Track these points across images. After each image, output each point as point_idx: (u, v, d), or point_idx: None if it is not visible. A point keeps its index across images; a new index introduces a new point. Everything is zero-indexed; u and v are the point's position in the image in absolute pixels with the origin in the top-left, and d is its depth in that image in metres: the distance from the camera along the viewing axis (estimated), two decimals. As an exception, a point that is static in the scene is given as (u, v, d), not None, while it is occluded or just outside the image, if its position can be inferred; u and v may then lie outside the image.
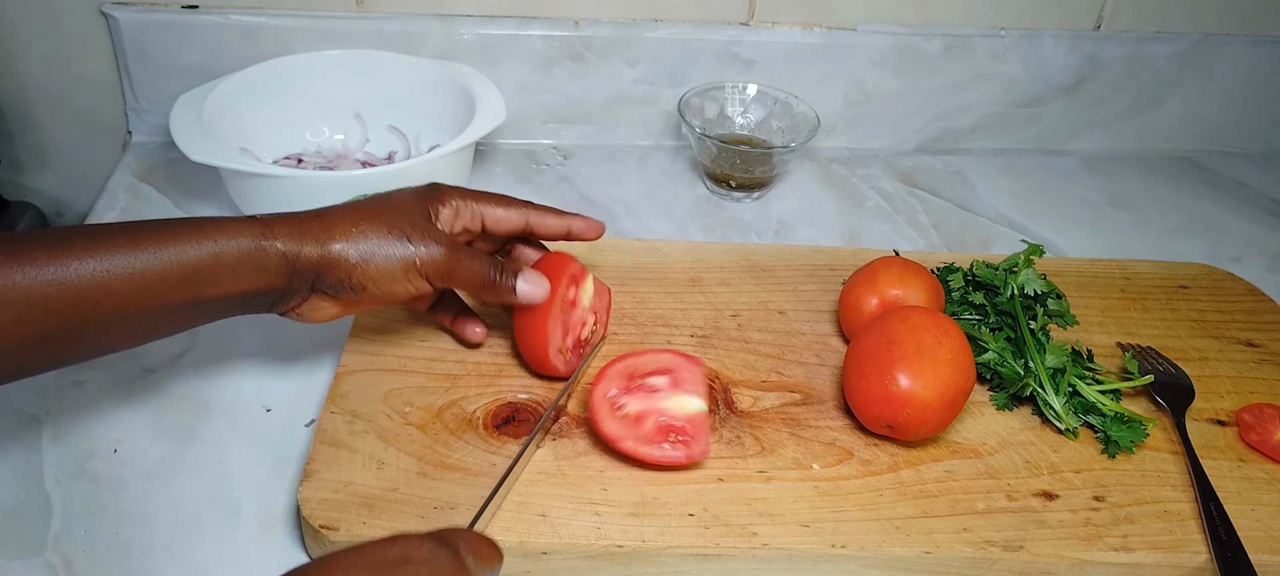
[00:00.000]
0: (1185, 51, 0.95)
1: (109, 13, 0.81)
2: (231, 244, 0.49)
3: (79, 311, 0.45)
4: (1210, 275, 0.77)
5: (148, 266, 0.47)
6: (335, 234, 0.51)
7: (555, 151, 0.92)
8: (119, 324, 0.47)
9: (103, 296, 0.46)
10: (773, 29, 0.90)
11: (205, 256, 0.48)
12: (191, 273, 0.48)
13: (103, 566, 0.50)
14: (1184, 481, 0.58)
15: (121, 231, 0.47)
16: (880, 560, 0.52)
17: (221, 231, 0.49)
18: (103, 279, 0.46)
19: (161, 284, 0.47)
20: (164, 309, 0.48)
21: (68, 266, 0.45)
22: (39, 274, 0.44)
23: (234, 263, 0.49)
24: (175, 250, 0.47)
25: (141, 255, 0.47)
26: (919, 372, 0.54)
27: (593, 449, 0.55)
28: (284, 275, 0.50)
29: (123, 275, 0.46)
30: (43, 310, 0.44)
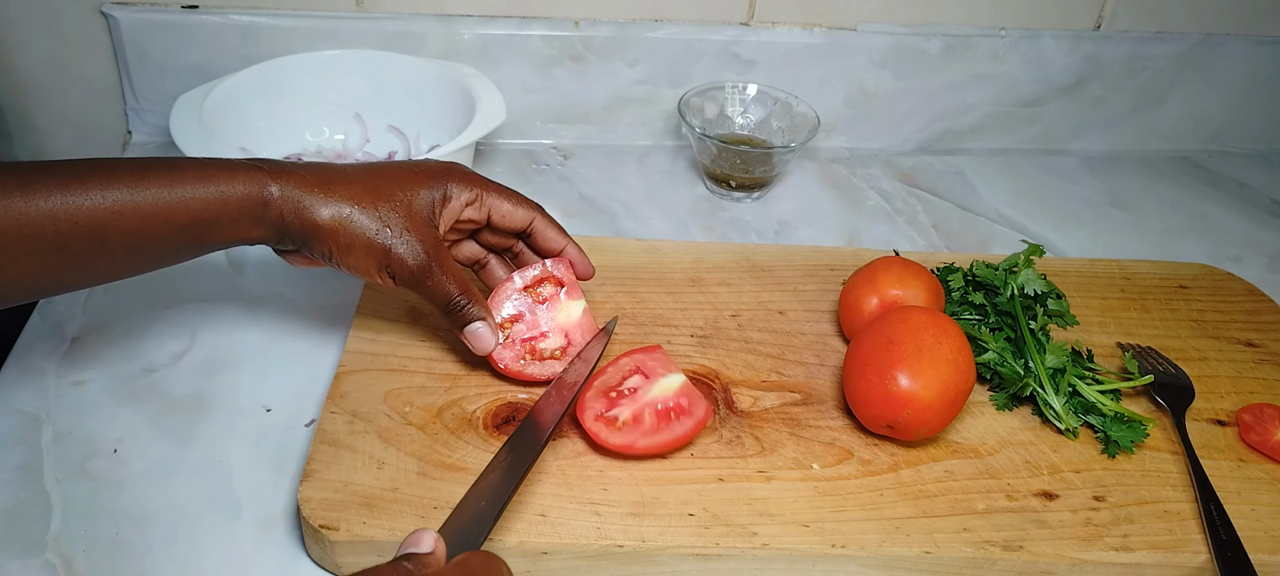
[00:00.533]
0: (1185, 51, 0.95)
1: (109, 13, 0.81)
2: (234, 191, 0.50)
3: (88, 244, 0.47)
4: (1210, 275, 0.77)
5: (155, 205, 0.48)
6: (329, 200, 0.52)
7: (555, 151, 0.92)
8: (126, 257, 0.49)
9: (112, 232, 0.47)
10: (773, 29, 0.90)
11: (210, 200, 0.49)
12: (196, 216, 0.49)
13: (103, 566, 0.50)
14: (1184, 481, 0.58)
15: (131, 169, 0.48)
16: (880, 560, 0.52)
17: (227, 177, 0.50)
18: (112, 215, 0.47)
19: (167, 225, 0.49)
20: (169, 246, 0.50)
21: (79, 201, 0.46)
22: (52, 207, 0.45)
23: (236, 212, 0.50)
24: (182, 191, 0.49)
25: (149, 193, 0.48)
26: (919, 372, 0.54)
27: (592, 449, 0.55)
28: (276, 229, 0.51)
29: (131, 212, 0.47)
30: (55, 242, 0.46)
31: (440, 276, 0.54)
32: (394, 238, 0.52)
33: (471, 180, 0.57)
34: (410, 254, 0.53)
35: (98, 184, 0.47)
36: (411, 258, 0.53)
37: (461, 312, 0.56)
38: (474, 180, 0.58)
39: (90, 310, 0.66)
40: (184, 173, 0.49)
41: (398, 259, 0.53)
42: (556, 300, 0.61)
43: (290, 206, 0.51)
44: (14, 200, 0.45)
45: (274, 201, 0.50)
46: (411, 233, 0.53)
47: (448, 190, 0.56)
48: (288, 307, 0.68)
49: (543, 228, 0.60)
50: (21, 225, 0.45)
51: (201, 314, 0.67)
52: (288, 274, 0.71)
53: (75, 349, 0.63)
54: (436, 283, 0.54)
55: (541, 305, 0.60)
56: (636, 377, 0.58)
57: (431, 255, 0.54)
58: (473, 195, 0.57)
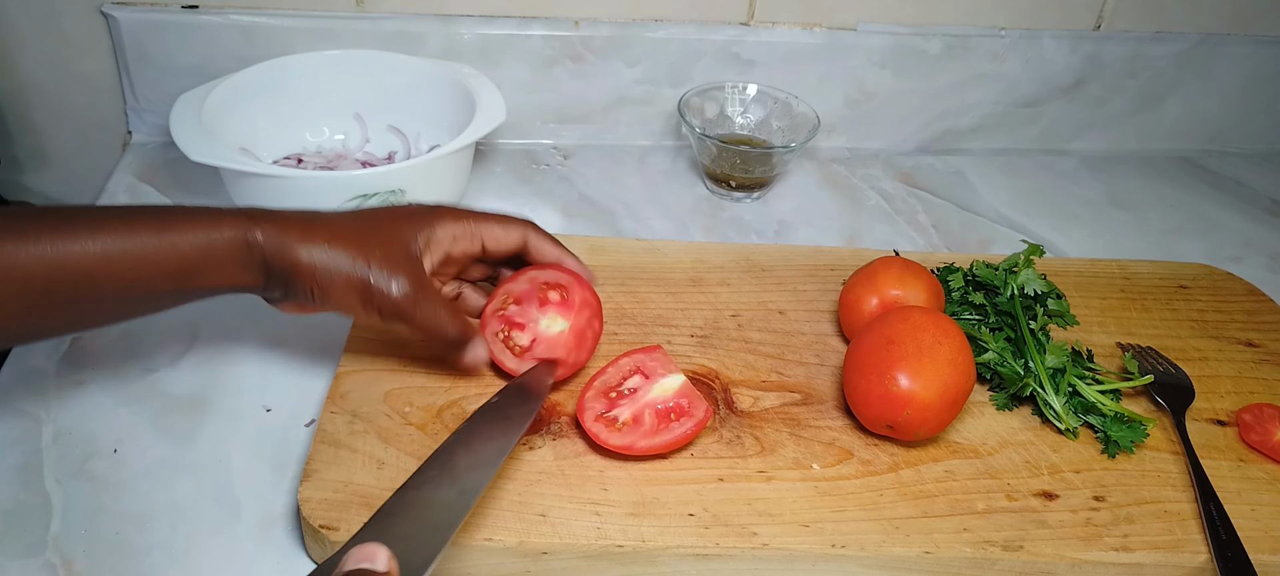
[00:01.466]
0: (1185, 51, 0.95)
1: (109, 13, 0.81)
2: (221, 237, 0.50)
3: (77, 290, 0.47)
4: (1210, 275, 0.77)
5: (144, 251, 0.48)
6: (310, 243, 0.52)
7: (555, 151, 0.92)
8: (114, 303, 0.49)
9: (101, 277, 0.47)
10: (773, 29, 0.90)
11: (197, 247, 0.49)
12: (183, 264, 0.49)
13: (103, 566, 0.50)
14: (1184, 481, 0.58)
15: (120, 217, 0.49)
16: (880, 560, 0.52)
17: (212, 224, 0.50)
18: (101, 260, 0.47)
19: (155, 271, 0.49)
20: (157, 293, 0.50)
21: (69, 248, 0.46)
22: (42, 254, 0.46)
23: (221, 257, 0.50)
24: (170, 238, 0.49)
25: (138, 239, 0.48)
26: (919, 372, 0.54)
27: (592, 449, 0.55)
28: (263, 274, 0.52)
29: (120, 257, 0.48)
30: (44, 288, 0.46)
31: (427, 308, 0.54)
32: (374, 272, 0.52)
33: (458, 215, 0.58)
34: (393, 286, 0.53)
35: (87, 230, 0.47)
36: (394, 289, 0.53)
37: (455, 341, 0.56)
38: (461, 215, 0.58)
39: (90, 310, 0.66)
40: (172, 220, 0.50)
41: (379, 291, 0.53)
42: (550, 308, 0.60)
43: (273, 248, 0.51)
44: (5, 245, 0.45)
45: (258, 245, 0.51)
46: (393, 267, 0.53)
47: (433, 230, 0.56)
48: (288, 307, 0.68)
49: (537, 243, 0.60)
50: (12, 269, 0.45)
51: (201, 314, 0.67)
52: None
53: (75, 349, 0.63)
54: (423, 315, 0.54)
55: (540, 306, 0.60)
56: (636, 378, 0.58)
57: (415, 288, 0.54)
58: (459, 227, 0.57)
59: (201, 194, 0.80)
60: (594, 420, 0.55)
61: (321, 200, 0.67)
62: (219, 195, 0.79)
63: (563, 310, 0.60)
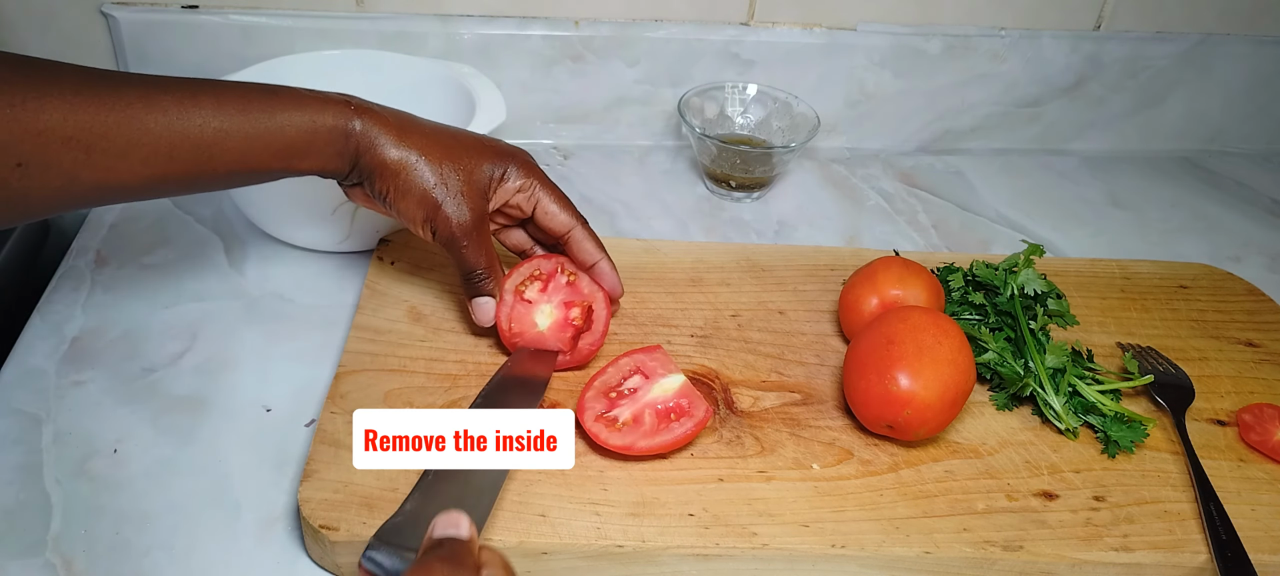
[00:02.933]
0: (1185, 51, 0.95)
1: (109, 13, 0.81)
2: (325, 122, 0.53)
3: (196, 161, 0.50)
4: (1210, 275, 0.77)
5: (256, 130, 0.52)
6: (401, 145, 0.55)
7: (555, 151, 0.92)
8: (226, 175, 0.52)
9: (216, 151, 0.51)
10: (773, 29, 0.90)
11: (303, 129, 0.53)
12: (289, 145, 0.53)
13: (103, 566, 0.50)
14: (1184, 481, 0.58)
15: (237, 95, 0.52)
16: (880, 560, 0.52)
17: (319, 108, 0.54)
18: (219, 134, 0.51)
19: (264, 149, 0.52)
20: (263, 169, 0.53)
21: (191, 120, 0.50)
22: (169, 122, 0.49)
23: (324, 143, 0.54)
24: (280, 120, 0.52)
25: (252, 118, 0.51)
26: (919, 372, 0.54)
27: (592, 449, 0.55)
28: (350, 161, 0.55)
29: (236, 133, 0.51)
30: (167, 154, 0.49)
31: (475, 246, 0.58)
32: (447, 196, 0.56)
33: (531, 169, 0.61)
34: (457, 215, 0.56)
35: (210, 105, 0.50)
36: (456, 219, 0.56)
37: (478, 284, 0.59)
38: (532, 170, 0.61)
39: (90, 310, 0.66)
40: (283, 100, 0.53)
41: (444, 217, 0.56)
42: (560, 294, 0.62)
43: (366, 141, 0.54)
44: (136, 111, 0.48)
45: (355, 135, 0.54)
46: (464, 197, 0.57)
47: (507, 171, 0.59)
48: (288, 308, 0.68)
49: (581, 238, 0.62)
50: (142, 135, 0.48)
51: (201, 314, 0.67)
52: (288, 274, 0.71)
53: (75, 349, 0.63)
54: (470, 250, 0.58)
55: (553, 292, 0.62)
56: (637, 378, 0.58)
57: (474, 224, 0.57)
58: (526, 183, 0.60)
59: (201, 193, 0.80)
60: (594, 420, 0.55)
61: (321, 200, 0.68)
62: (219, 195, 0.79)
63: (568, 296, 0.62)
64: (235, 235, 0.75)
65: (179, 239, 0.75)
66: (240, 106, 0.51)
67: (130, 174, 0.49)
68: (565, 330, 0.61)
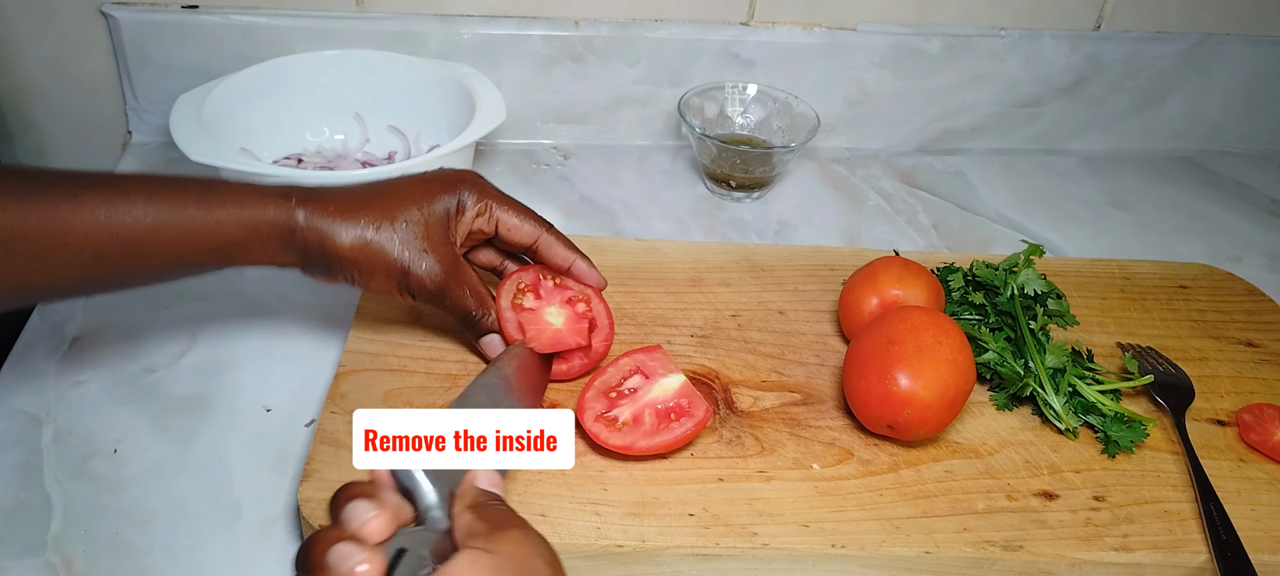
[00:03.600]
0: (1185, 51, 0.95)
1: (109, 13, 0.81)
2: (265, 216, 0.51)
3: (125, 259, 0.48)
4: (1210, 275, 0.77)
5: (191, 226, 0.50)
6: (350, 226, 0.53)
7: (555, 151, 0.92)
8: (159, 271, 0.51)
9: (148, 249, 0.49)
10: (773, 29, 0.90)
11: (242, 225, 0.51)
12: (228, 240, 0.51)
13: (103, 566, 0.50)
14: (1184, 481, 0.58)
15: (171, 189, 0.50)
16: (880, 560, 0.52)
17: (259, 202, 0.51)
18: (151, 232, 0.49)
19: (201, 247, 0.50)
20: (200, 265, 0.52)
21: (122, 216, 0.48)
22: (96, 220, 0.47)
23: (265, 238, 0.51)
24: (217, 215, 0.50)
25: (186, 214, 0.49)
26: (919, 372, 0.54)
27: (592, 449, 0.55)
28: (302, 255, 0.53)
29: (169, 231, 0.49)
30: (95, 255, 0.47)
31: (457, 292, 0.56)
32: (412, 257, 0.54)
33: (482, 190, 0.58)
34: (428, 273, 0.55)
35: (141, 200, 0.48)
36: (429, 277, 0.55)
37: (478, 324, 0.58)
38: (484, 190, 0.58)
39: (90, 310, 0.66)
40: (220, 195, 0.51)
41: (416, 278, 0.55)
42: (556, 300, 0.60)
43: (315, 234, 0.52)
44: (61, 210, 0.46)
45: (300, 229, 0.52)
46: (429, 251, 0.55)
47: (460, 199, 0.57)
48: (288, 308, 0.68)
49: (550, 243, 0.60)
50: (66, 235, 0.46)
51: (201, 314, 0.67)
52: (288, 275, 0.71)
53: (75, 349, 0.63)
54: (454, 299, 0.56)
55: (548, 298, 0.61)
56: (637, 378, 0.58)
57: (448, 272, 0.56)
58: (481, 205, 0.58)
59: (201, 194, 0.80)
60: (594, 420, 0.55)
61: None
62: (219, 195, 0.79)
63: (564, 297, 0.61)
64: (235, 235, 0.75)
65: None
66: (174, 202, 0.49)
67: (54, 275, 0.47)
68: (580, 322, 0.60)
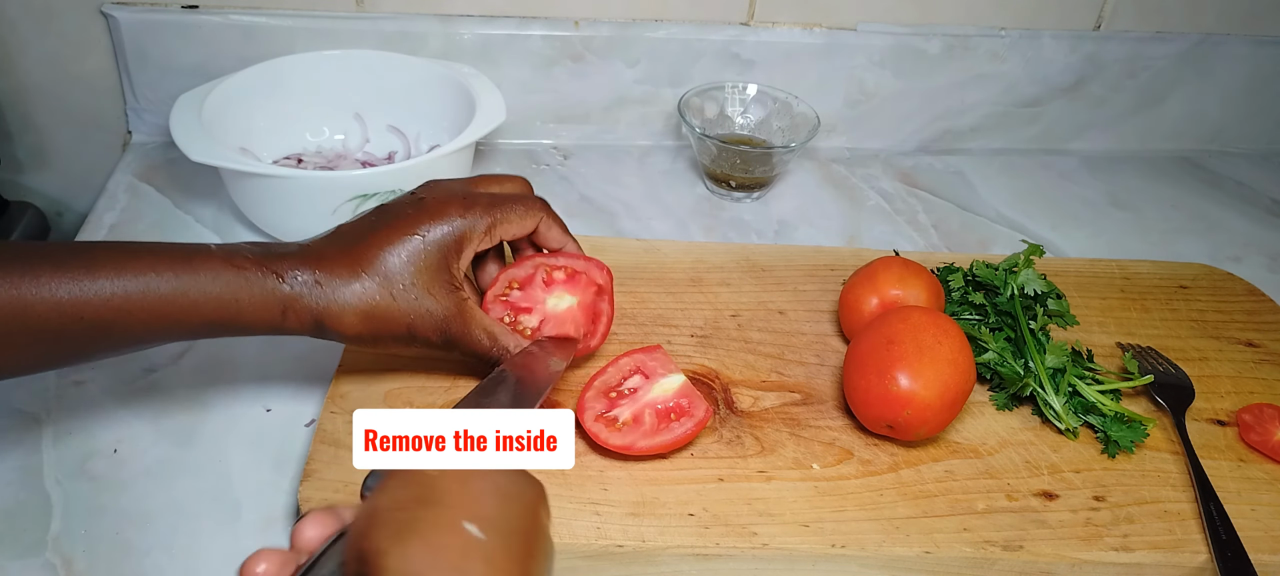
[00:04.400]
0: (1185, 51, 0.95)
1: (109, 13, 0.81)
2: (248, 293, 0.48)
3: (92, 336, 0.45)
4: (1210, 275, 0.77)
5: (164, 306, 0.46)
6: (347, 290, 0.50)
7: (555, 151, 0.92)
8: (133, 347, 0.48)
9: (117, 327, 0.46)
10: (773, 29, 0.90)
11: (223, 303, 0.48)
12: (208, 319, 0.48)
13: (103, 566, 0.50)
14: (1184, 481, 0.58)
15: (142, 263, 0.46)
16: (880, 560, 0.52)
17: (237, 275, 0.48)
18: (120, 311, 0.45)
19: (176, 325, 0.47)
20: (173, 339, 0.49)
21: (87, 293, 0.44)
22: (58, 298, 0.44)
23: (251, 315, 0.49)
24: (193, 291, 0.47)
25: (158, 289, 0.46)
26: (919, 372, 0.54)
27: (592, 449, 0.55)
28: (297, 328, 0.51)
29: (139, 309, 0.46)
30: (56, 334, 0.44)
31: (467, 334, 0.54)
32: (416, 313, 0.52)
33: (471, 206, 0.54)
34: (434, 323, 0.53)
35: (108, 274, 0.45)
36: (435, 331, 0.53)
37: (493, 361, 0.55)
38: (472, 207, 0.54)
39: (90, 310, 0.66)
40: (196, 267, 0.47)
41: (423, 334, 0.53)
42: (557, 287, 0.59)
43: (310, 316, 0.50)
44: (21, 288, 0.43)
45: (293, 308, 0.49)
46: (431, 294, 0.52)
47: (456, 229, 0.53)
48: (288, 307, 0.68)
49: (546, 230, 0.58)
50: (26, 315, 0.43)
51: (201, 314, 0.67)
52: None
53: (75, 349, 0.63)
54: (466, 342, 0.54)
55: (547, 286, 0.59)
56: (637, 378, 0.58)
57: (455, 315, 0.53)
58: (479, 226, 0.54)
59: (201, 194, 0.80)
60: (594, 420, 0.55)
61: (321, 201, 0.68)
62: (219, 195, 0.79)
63: (569, 287, 0.59)
64: (235, 235, 0.75)
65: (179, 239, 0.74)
66: (144, 278, 0.46)
67: (12, 356, 0.44)
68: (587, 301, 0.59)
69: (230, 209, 0.78)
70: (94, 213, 0.77)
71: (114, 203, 0.79)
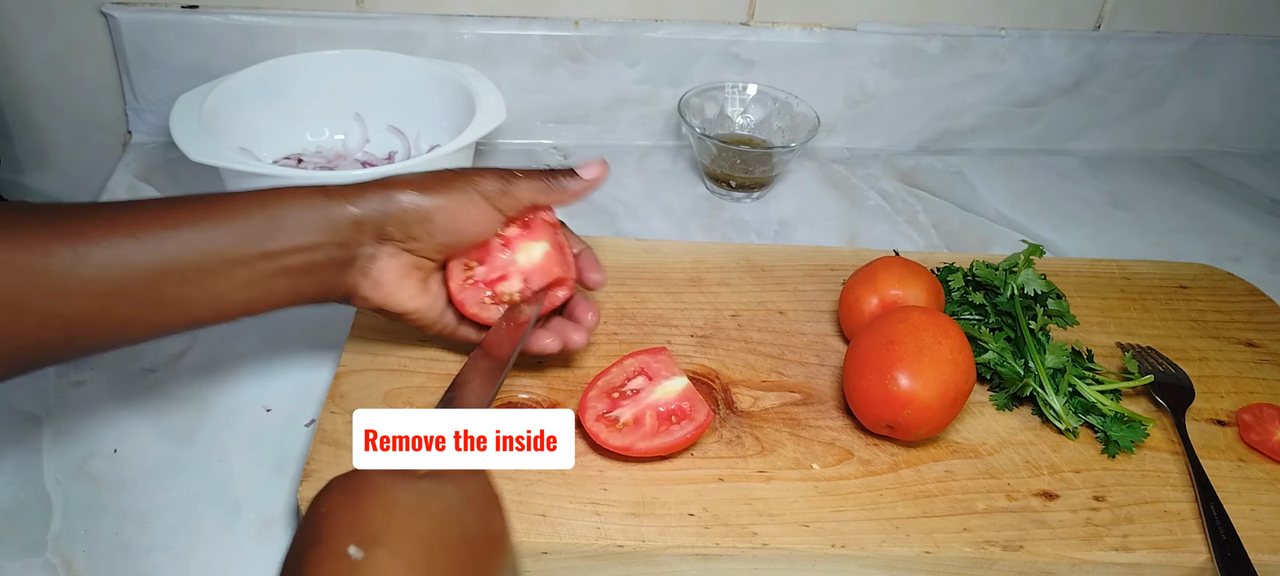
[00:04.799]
0: (1185, 51, 0.95)
1: (109, 13, 0.81)
2: (321, 214, 0.50)
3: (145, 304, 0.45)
4: (1210, 275, 0.77)
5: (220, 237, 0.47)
6: (395, 181, 0.52)
7: (555, 151, 0.92)
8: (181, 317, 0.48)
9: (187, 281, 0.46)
10: (773, 29, 0.90)
11: (302, 222, 0.49)
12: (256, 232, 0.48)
13: (103, 566, 0.50)
14: (1184, 481, 0.58)
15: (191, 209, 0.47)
16: (880, 560, 0.52)
17: (305, 198, 0.50)
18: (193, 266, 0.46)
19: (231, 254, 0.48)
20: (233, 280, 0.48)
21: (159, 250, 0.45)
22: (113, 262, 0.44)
23: (323, 228, 0.50)
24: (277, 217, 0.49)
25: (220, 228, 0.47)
26: (919, 372, 0.54)
27: (592, 449, 0.55)
28: (347, 228, 0.51)
29: (197, 251, 0.46)
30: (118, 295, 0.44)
31: (519, 178, 0.56)
32: (461, 175, 0.54)
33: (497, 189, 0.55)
34: (485, 177, 0.54)
35: (190, 220, 0.46)
36: (489, 177, 0.54)
37: (557, 180, 0.57)
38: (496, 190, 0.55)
39: (90, 310, 0.66)
40: (268, 203, 0.49)
41: (480, 182, 0.54)
42: (516, 242, 0.57)
43: (355, 195, 0.51)
44: (122, 244, 0.44)
45: (337, 201, 0.51)
46: (474, 171, 0.55)
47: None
48: (288, 307, 0.68)
49: None
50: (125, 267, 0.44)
51: (201, 314, 0.67)
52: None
53: (75, 349, 0.63)
54: (522, 179, 0.56)
55: (507, 246, 0.57)
56: (640, 379, 0.58)
57: (497, 173, 0.55)
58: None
59: (201, 194, 0.80)
60: (595, 420, 0.55)
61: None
62: (219, 195, 0.79)
63: (530, 235, 0.57)
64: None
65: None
66: (202, 217, 0.46)
67: (122, 309, 0.45)
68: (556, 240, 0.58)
69: (230, 209, 0.77)
70: (94, 213, 0.77)
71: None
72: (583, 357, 0.62)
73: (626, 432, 0.55)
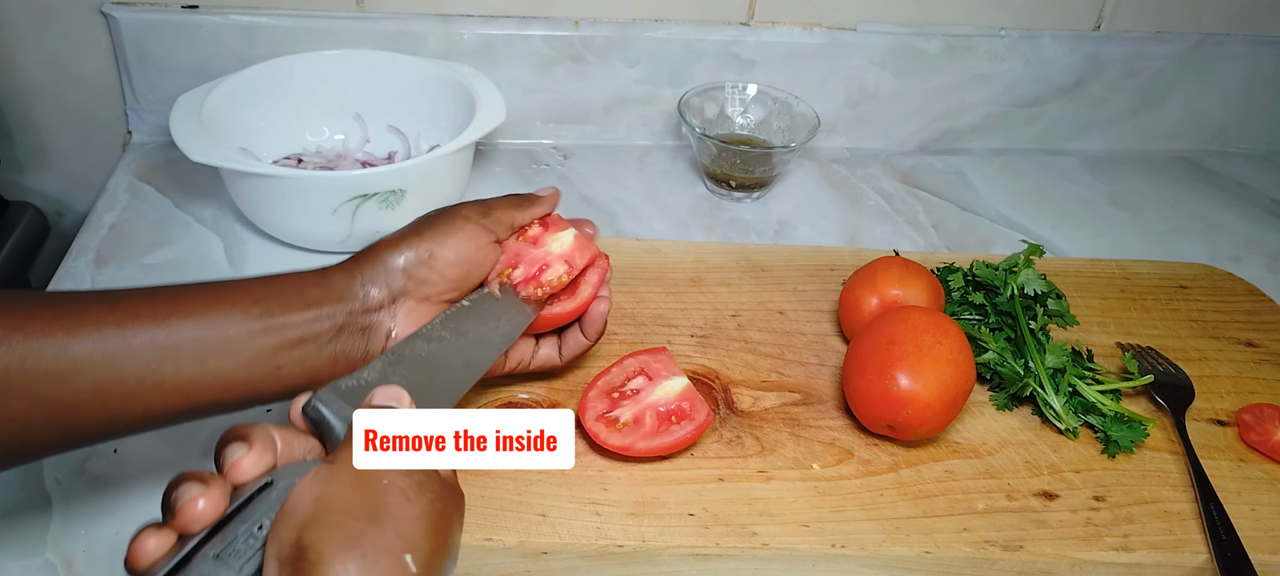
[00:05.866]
0: (1185, 51, 0.95)
1: (109, 13, 0.81)
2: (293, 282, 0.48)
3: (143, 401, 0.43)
4: (1210, 275, 0.77)
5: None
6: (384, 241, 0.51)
7: (555, 151, 0.92)
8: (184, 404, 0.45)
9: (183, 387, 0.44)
10: (773, 29, 0.90)
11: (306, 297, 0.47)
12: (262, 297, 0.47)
13: (103, 566, 0.50)
14: (1184, 481, 0.58)
15: (192, 290, 0.46)
16: (880, 560, 0.52)
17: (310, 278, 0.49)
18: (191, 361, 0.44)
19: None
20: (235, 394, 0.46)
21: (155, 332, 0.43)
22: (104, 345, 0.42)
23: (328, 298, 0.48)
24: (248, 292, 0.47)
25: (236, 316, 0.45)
26: (919, 372, 0.54)
27: (592, 449, 0.55)
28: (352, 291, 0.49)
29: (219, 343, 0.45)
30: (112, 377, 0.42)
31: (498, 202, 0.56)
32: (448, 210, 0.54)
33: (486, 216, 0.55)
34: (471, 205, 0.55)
35: (188, 309, 0.44)
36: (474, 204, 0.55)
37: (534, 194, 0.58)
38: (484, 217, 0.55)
39: (90, 310, 0.66)
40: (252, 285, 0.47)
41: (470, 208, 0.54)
42: (542, 238, 0.57)
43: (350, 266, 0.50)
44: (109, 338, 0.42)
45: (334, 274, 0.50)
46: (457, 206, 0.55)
47: None
48: (288, 307, 0.68)
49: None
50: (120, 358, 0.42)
51: (201, 314, 0.67)
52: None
53: (75, 349, 0.63)
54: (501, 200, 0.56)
55: (535, 243, 0.57)
56: (640, 379, 0.58)
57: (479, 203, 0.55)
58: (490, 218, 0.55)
59: (201, 194, 0.80)
60: (594, 420, 0.55)
61: (320, 201, 0.68)
62: (219, 195, 0.79)
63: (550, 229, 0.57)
64: (235, 235, 0.75)
65: (179, 239, 0.75)
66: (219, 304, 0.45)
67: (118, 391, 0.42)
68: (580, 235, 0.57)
69: (230, 209, 0.78)
70: (94, 213, 0.77)
71: (114, 203, 0.79)
72: (583, 358, 0.62)
73: (626, 432, 0.55)
